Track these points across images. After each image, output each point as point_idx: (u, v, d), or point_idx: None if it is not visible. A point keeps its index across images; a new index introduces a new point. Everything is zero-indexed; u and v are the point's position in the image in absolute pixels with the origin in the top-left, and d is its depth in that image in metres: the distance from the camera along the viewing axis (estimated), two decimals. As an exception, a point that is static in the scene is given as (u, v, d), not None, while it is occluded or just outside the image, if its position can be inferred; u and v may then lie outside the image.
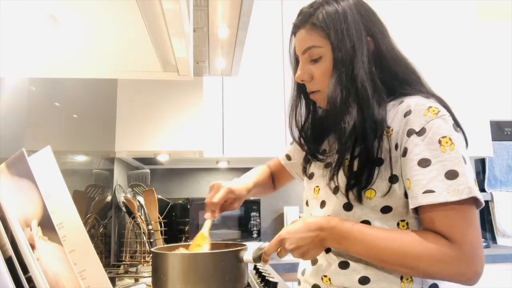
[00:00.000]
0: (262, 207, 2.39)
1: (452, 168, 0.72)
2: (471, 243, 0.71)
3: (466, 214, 0.71)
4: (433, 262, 0.71)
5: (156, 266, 0.91)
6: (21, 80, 1.06)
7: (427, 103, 0.78)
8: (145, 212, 1.81)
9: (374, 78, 0.82)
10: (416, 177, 0.74)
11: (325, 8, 0.84)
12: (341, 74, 0.81)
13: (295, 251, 0.80)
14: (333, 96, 0.82)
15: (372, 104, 0.79)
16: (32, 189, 0.59)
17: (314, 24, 0.84)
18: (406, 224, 0.80)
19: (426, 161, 0.73)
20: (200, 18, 1.19)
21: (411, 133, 0.76)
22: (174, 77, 1.06)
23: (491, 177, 2.64)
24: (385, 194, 0.79)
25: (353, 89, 0.80)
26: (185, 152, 1.74)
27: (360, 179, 0.79)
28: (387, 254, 0.75)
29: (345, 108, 0.80)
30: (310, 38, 0.85)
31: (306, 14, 0.86)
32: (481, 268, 0.71)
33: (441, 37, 2.45)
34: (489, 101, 2.49)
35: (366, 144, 0.78)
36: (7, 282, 0.51)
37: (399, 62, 0.86)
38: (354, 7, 0.84)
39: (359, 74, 0.80)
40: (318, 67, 0.85)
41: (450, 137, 0.74)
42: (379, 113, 0.79)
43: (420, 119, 0.76)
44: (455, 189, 0.70)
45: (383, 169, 0.79)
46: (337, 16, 0.83)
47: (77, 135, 1.44)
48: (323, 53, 0.84)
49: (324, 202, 0.87)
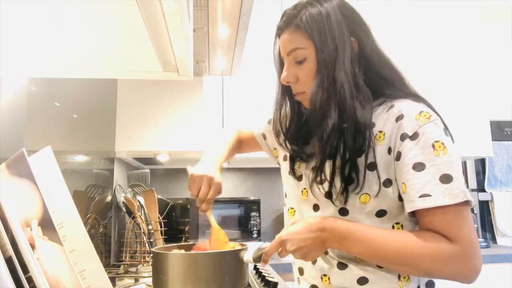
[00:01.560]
0: (262, 207, 2.39)
1: (446, 172, 0.74)
2: (470, 242, 0.73)
3: (462, 214, 0.74)
4: (434, 260, 0.73)
5: (156, 266, 0.91)
6: (21, 80, 1.06)
7: (418, 107, 0.79)
8: (145, 212, 1.81)
9: (357, 80, 0.82)
10: (411, 181, 0.75)
11: (309, 9, 0.84)
12: (323, 76, 0.82)
13: (296, 252, 0.80)
14: (315, 98, 0.82)
15: (353, 106, 0.79)
16: (32, 189, 0.59)
17: (298, 26, 0.84)
18: (401, 226, 0.81)
19: (421, 165, 0.75)
20: (200, 18, 1.19)
21: (405, 138, 0.77)
22: (174, 77, 1.06)
23: (491, 177, 2.64)
24: (377, 196, 0.79)
25: (333, 90, 0.80)
26: (185, 152, 1.74)
27: (346, 183, 0.80)
28: (388, 254, 0.76)
29: (326, 109, 0.81)
30: (294, 40, 0.85)
31: (290, 15, 0.86)
32: (480, 266, 0.73)
33: (441, 37, 2.45)
34: (489, 101, 2.49)
35: (347, 147, 0.79)
36: (7, 282, 0.51)
37: (383, 63, 0.87)
38: (338, 8, 0.84)
39: (339, 76, 0.80)
40: (303, 69, 0.85)
41: (443, 142, 0.75)
42: (362, 115, 0.79)
43: (412, 123, 0.77)
44: (450, 193, 0.73)
45: (377, 173, 0.80)
46: (320, 17, 0.83)
47: (77, 135, 1.44)
48: (307, 54, 0.84)
49: (317, 206, 0.88)
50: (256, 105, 2.27)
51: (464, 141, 2.31)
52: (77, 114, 1.41)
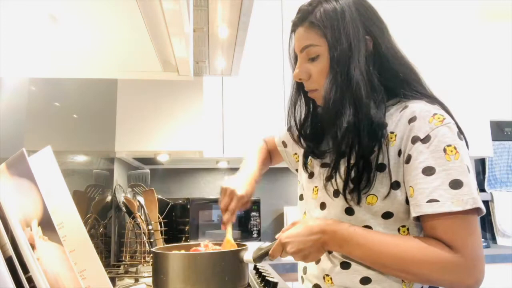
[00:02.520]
0: (262, 207, 2.39)
1: (457, 177, 0.71)
2: (473, 251, 0.71)
3: (468, 223, 0.71)
4: (435, 269, 0.71)
5: (156, 266, 0.91)
6: (21, 80, 1.06)
7: (432, 109, 0.77)
8: (145, 212, 1.81)
9: (372, 78, 0.80)
10: (420, 185, 0.73)
11: (324, 6, 0.83)
12: (336, 74, 0.80)
13: (297, 254, 0.80)
14: (328, 96, 0.81)
15: (368, 105, 0.78)
16: (33, 189, 0.59)
17: (312, 23, 0.83)
18: (407, 229, 0.80)
19: (431, 169, 0.73)
20: (200, 18, 1.19)
21: (416, 140, 0.75)
22: (174, 77, 1.06)
23: (491, 177, 2.64)
24: (385, 198, 0.78)
25: (348, 88, 0.79)
26: (185, 152, 1.74)
27: (359, 182, 0.78)
28: (389, 260, 0.75)
29: (340, 108, 0.79)
30: (307, 37, 0.84)
31: (305, 12, 0.85)
32: (482, 276, 0.71)
33: (441, 38, 2.45)
34: (489, 101, 2.49)
35: (362, 145, 0.77)
36: (7, 282, 0.51)
37: (399, 62, 0.85)
38: (353, 5, 0.83)
39: (355, 74, 0.79)
40: (315, 66, 0.84)
41: (455, 146, 0.73)
42: (377, 115, 0.78)
43: (425, 126, 0.75)
44: (459, 199, 0.70)
45: (385, 174, 0.78)
46: (335, 14, 0.81)
47: (77, 135, 1.44)
48: (321, 51, 0.83)
49: (324, 204, 0.87)
50: (256, 105, 2.28)
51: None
52: (77, 114, 1.41)
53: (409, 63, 0.87)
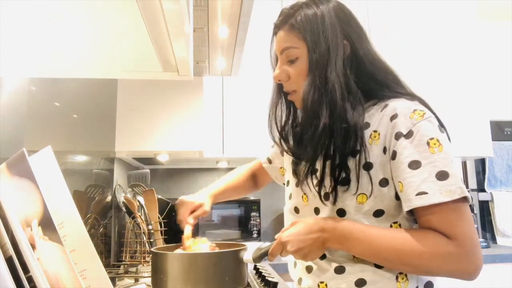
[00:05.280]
0: (262, 207, 2.39)
1: (442, 168, 0.73)
2: (470, 239, 0.73)
3: (461, 211, 0.73)
4: (434, 259, 0.73)
5: (156, 266, 0.91)
6: (21, 80, 1.06)
7: (412, 105, 0.80)
8: (145, 212, 1.81)
9: (348, 82, 0.82)
10: (408, 180, 0.75)
11: (304, 10, 0.86)
12: (314, 76, 0.82)
13: (297, 253, 0.81)
14: (306, 97, 0.83)
15: (344, 107, 0.80)
16: (33, 189, 0.59)
17: (292, 25, 0.86)
18: (399, 225, 0.81)
19: (417, 163, 0.75)
20: (200, 18, 1.19)
21: (399, 136, 0.77)
22: (174, 77, 1.06)
23: (491, 177, 2.64)
24: (375, 196, 0.80)
25: (324, 91, 0.81)
26: (185, 152, 1.74)
27: (335, 182, 0.80)
28: (389, 253, 0.76)
29: (317, 109, 0.81)
30: (287, 39, 0.87)
31: (286, 15, 0.88)
32: (481, 262, 0.73)
33: (441, 38, 2.45)
34: (489, 101, 2.49)
35: (336, 147, 0.80)
36: (8, 282, 0.51)
37: (376, 66, 0.87)
38: (333, 11, 0.85)
39: (331, 77, 0.81)
40: (294, 68, 0.86)
41: (438, 139, 0.75)
42: (353, 117, 0.80)
43: (406, 122, 0.77)
44: (447, 190, 0.72)
45: (373, 173, 0.80)
46: (315, 18, 0.84)
47: (77, 135, 1.44)
48: (300, 54, 0.85)
49: (318, 209, 0.88)
50: (256, 105, 2.28)
51: (464, 141, 2.31)
52: (77, 114, 1.41)
53: (387, 67, 0.89)
